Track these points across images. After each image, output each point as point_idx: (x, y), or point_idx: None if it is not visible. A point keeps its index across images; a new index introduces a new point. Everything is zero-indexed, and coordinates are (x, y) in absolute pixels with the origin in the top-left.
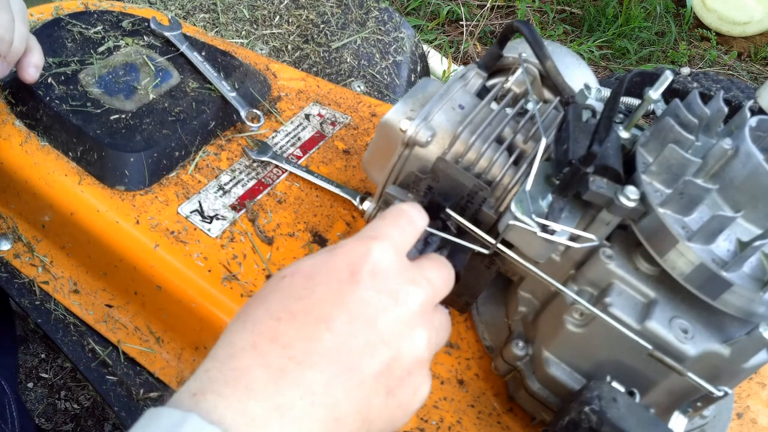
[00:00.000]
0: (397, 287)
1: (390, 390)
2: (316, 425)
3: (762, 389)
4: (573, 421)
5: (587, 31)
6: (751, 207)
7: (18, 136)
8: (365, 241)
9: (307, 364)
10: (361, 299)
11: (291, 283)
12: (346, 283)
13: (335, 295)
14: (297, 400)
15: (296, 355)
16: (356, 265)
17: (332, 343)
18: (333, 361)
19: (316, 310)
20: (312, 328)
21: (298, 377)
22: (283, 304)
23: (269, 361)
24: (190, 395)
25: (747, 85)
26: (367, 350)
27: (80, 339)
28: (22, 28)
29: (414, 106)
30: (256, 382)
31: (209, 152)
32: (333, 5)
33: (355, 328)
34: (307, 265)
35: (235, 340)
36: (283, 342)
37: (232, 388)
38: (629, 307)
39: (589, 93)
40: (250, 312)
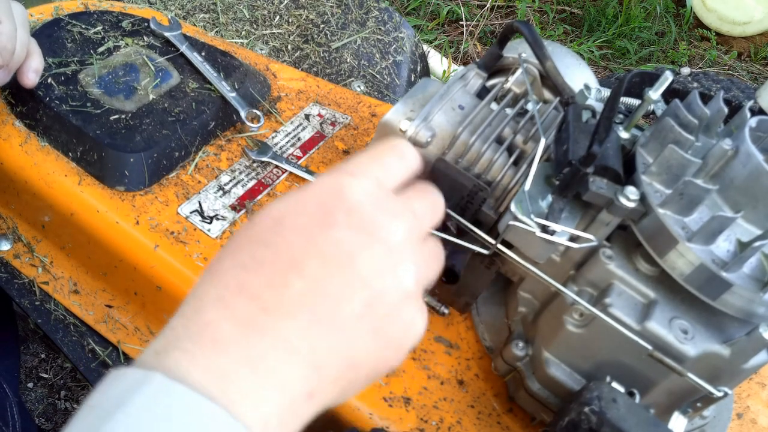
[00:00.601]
0: (376, 223)
1: (376, 330)
2: (294, 375)
3: (762, 389)
4: (573, 421)
5: (587, 31)
6: (751, 207)
7: (18, 136)
8: (341, 176)
9: (278, 314)
10: (335, 240)
11: (259, 230)
12: (318, 225)
13: (306, 238)
14: (269, 351)
15: (265, 305)
16: (329, 204)
17: (304, 288)
18: (306, 307)
19: (285, 256)
20: (280, 276)
21: (268, 327)
22: (251, 252)
23: (236, 313)
24: (154, 354)
25: (747, 85)
26: (345, 292)
27: (80, 339)
28: (24, 36)
29: (414, 106)
30: (223, 335)
31: (209, 152)
32: (333, 5)
33: (329, 270)
34: (276, 209)
35: (200, 294)
36: (250, 292)
37: (197, 343)
38: (629, 308)
39: (589, 93)
40: (217, 264)
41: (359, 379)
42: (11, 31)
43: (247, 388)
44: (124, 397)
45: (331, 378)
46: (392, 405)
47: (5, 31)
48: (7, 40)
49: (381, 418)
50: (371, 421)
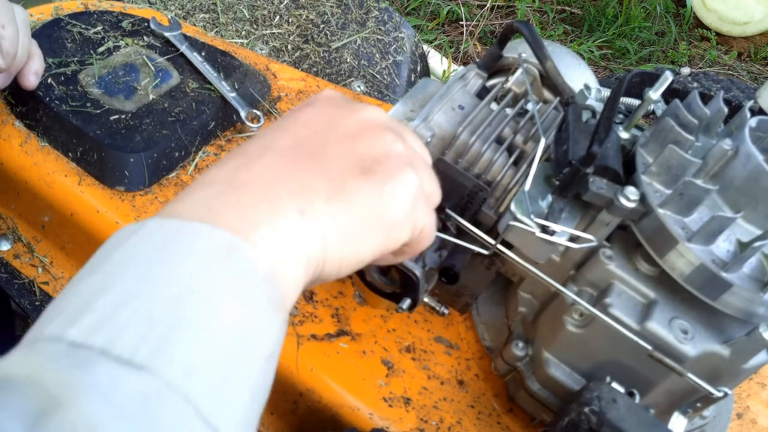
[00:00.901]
0: (369, 108)
1: (366, 169)
2: (278, 192)
3: (762, 389)
4: (573, 421)
5: (587, 31)
6: (751, 208)
7: (18, 136)
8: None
9: (264, 159)
10: (314, 112)
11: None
12: (305, 105)
13: (294, 112)
14: (252, 180)
15: (253, 155)
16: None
17: (290, 141)
18: (290, 151)
19: (279, 125)
20: (272, 133)
21: (255, 165)
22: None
23: (229, 164)
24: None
25: (747, 85)
26: (334, 139)
27: None
28: (25, 39)
29: (414, 106)
30: (212, 179)
31: (209, 153)
32: (333, 5)
33: (313, 124)
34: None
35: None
36: (244, 151)
37: (192, 191)
38: (629, 308)
39: (589, 93)
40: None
41: (356, 213)
42: (14, 35)
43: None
44: (126, 238)
45: (320, 198)
46: (392, 405)
47: (8, 35)
48: (10, 45)
49: (381, 418)
50: (371, 421)
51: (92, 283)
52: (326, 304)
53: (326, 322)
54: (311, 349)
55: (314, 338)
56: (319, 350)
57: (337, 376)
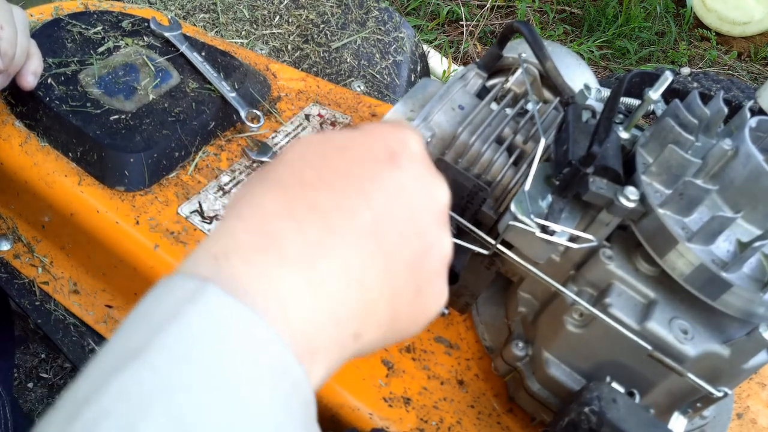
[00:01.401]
0: (431, 179)
1: (418, 288)
2: (348, 306)
3: (762, 389)
4: (573, 421)
5: (587, 31)
6: (751, 208)
7: (18, 136)
8: (399, 128)
9: (346, 240)
10: (400, 183)
11: (323, 152)
12: (386, 164)
13: (374, 172)
14: (331, 276)
15: (335, 227)
16: (395, 147)
17: (371, 220)
18: (370, 240)
19: (355, 184)
20: (351, 202)
21: (335, 251)
22: (318, 171)
23: (306, 229)
24: (212, 258)
25: (747, 85)
26: (402, 237)
27: (80, 339)
28: (24, 40)
29: (414, 106)
30: (291, 252)
31: (209, 153)
32: (333, 5)
33: (395, 210)
34: (338, 137)
35: (264, 203)
36: (321, 211)
37: (264, 254)
38: (629, 308)
39: (589, 93)
40: (275, 176)
41: (393, 333)
42: (12, 36)
43: (306, 316)
44: (179, 308)
45: (375, 323)
46: (392, 405)
47: (6, 36)
48: (8, 46)
49: (381, 418)
50: (371, 421)
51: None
52: None
53: None
54: None
55: None
56: None
57: (337, 376)
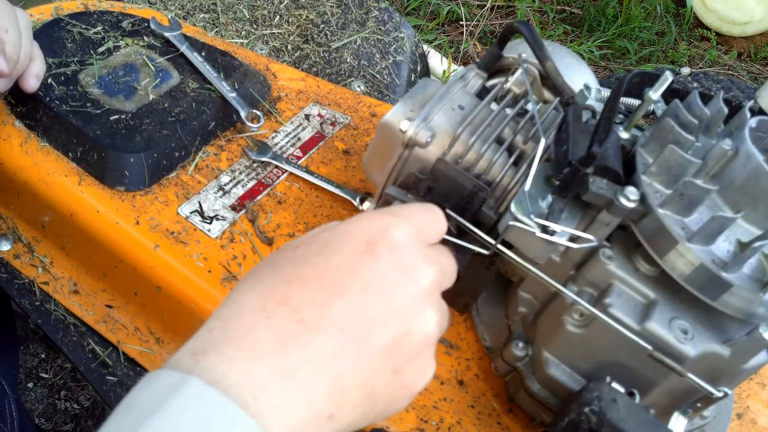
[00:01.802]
0: (412, 264)
1: (397, 368)
2: (320, 392)
3: (762, 389)
4: (573, 421)
5: (587, 31)
6: (751, 208)
7: (18, 136)
8: (385, 216)
9: (317, 330)
10: (376, 271)
11: (306, 251)
12: (363, 254)
13: (350, 264)
14: (302, 365)
15: (306, 318)
16: (374, 237)
17: (344, 311)
18: (343, 329)
19: (329, 277)
20: (324, 295)
21: (306, 341)
22: (296, 269)
23: (277, 322)
24: (191, 355)
25: (747, 85)
26: (378, 323)
27: (80, 339)
28: (27, 43)
29: (414, 106)
30: (261, 343)
31: (209, 153)
32: (333, 5)
33: (368, 299)
34: (323, 235)
35: (242, 301)
36: (293, 305)
37: (235, 347)
38: (629, 308)
39: (589, 93)
40: (259, 275)
41: (372, 412)
42: (16, 40)
43: (278, 399)
44: (162, 399)
45: (350, 404)
46: None
47: (10, 40)
48: (13, 50)
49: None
50: None
51: None
52: None
53: None
54: None
55: None
56: None
57: None
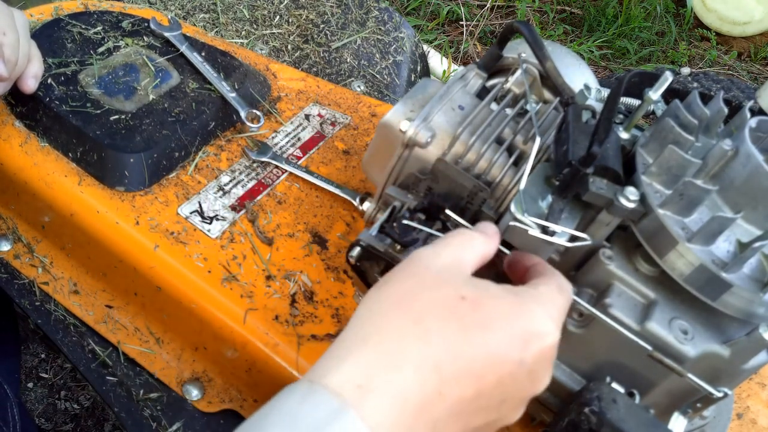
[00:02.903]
0: (541, 376)
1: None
2: None
3: (762, 390)
4: (573, 422)
5: (587, 31)
6: (751, 208)
7: (18, 136)
8: (550, 320)
9: (446, 407)
10: (513, 374)
11: (471, 317)
12: (515, 351)
13: (500, 357)
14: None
15: (445, 395)
16: (533, 341)
17: (472, 396)
18: (463, 411)
19: (480, 362)
20: (466, 378)
21: (433, 416)
22: (459, 335)
23: (427, 390)
24: (355, 387)
25: (747, 85)
26: (487, 411)
27: (80, 340)
28: (26, 45)
29: (414, 106)
30: (408, 410)
31: (209, 153)
32: (333, 5)
33: (494, 392)
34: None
35: (399, 350)
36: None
37: (390, 404)
38: (629, 308)
39: (589, 93)
40: (415, 309)
41: None
42: (15, 42)
43: None
44: (323, 424)
45: None
46: None
47: (9, 43)
48: (11, 53)
49: None
50: None
51: None
52: (326, 305)
53: (326, 322)
54: (312, 350)
55: (314, 338)
56: (320, 350)
57: None
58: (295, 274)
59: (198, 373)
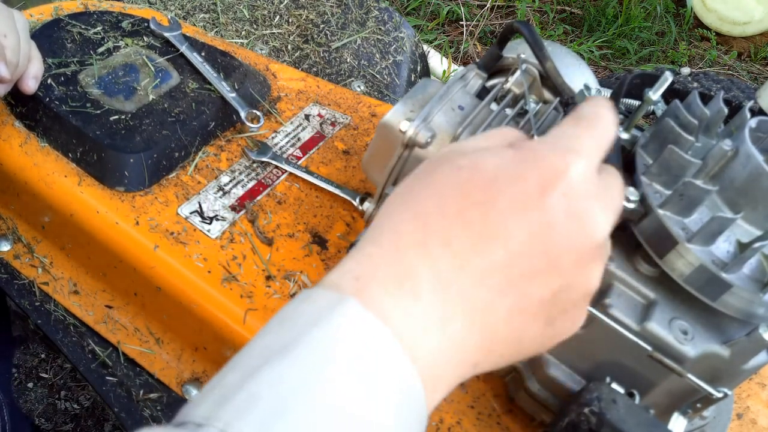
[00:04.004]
0: (587, 212)
1: (550, 320)
2: (472, 343)
3: (762, 390)
4: (572, 422)
5: (587, 31)
6: (751, 208)
7: (18, 137)
8: (562, 154)
9: (476, 279)
10: (546, 221)
11: (470, 180)
12: (535, 200)
13: (520, 210)
14: (459, 315)
15: (467, 266)
16: (550, 182)
17: (505, 260)
18: (502, 280)
19: (495, 222)
20: (488, 242)
21: (465, 291)
22: (460, 204)
23: (439, 267)
24: (353, 278)
25: (747, 85)
26: (539, 276)
27: (80, 340)
28: (26, 46)
29: (414, 106)
30: (423, 287)
31: (209, 153)
32: (333, 5)
33: (533, 249)
34: (491, 164)
35: (402, 229)
36: (455, 249)
37: (398, 286)
38: (629, 309)
39: (589, 93)
40: (417, 198)
41: (516, 357)
42: (15, 44)
43: (435, 349)
44: (323, 314)
45: (497, 353)
46: None
47: (10, 45)
48: (12, 55)
49: None
50: None
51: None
52: None
53: None
54: None
55: None
56: None
57: None
58: (295, 274)
59: (198, 373)
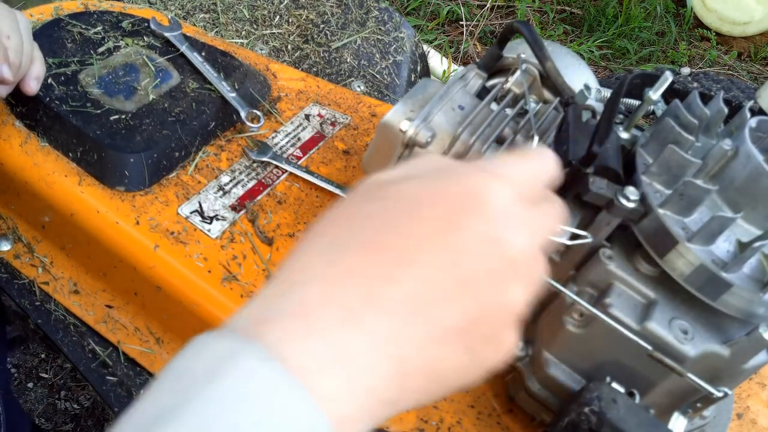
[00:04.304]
0: (503, 234)
1: (470, 349)
2: (382, 378)
3: (762, 390)
4: (573, 422)
5: (587, 31)
6: (751, 208)
7: (18, 136)
8: (485, 177)
9: (383, 309)
10: (459, 245)
11: (393, 207)
12: (449, 223)
13: (432, 234)
14: (365, 349)
15: (373, 297)
16: (467, 203)
17: (414, 288)
18: (411, 308)
19: (406, 248)
20: (397, 269)
21: (371, 323)
22: (370, 233)
23: (344, 300)
24: (253, 323)
25: (747, 85)
26: (451, 302)
27: (80, 340)
28: (28, 47)
29: (414, 106)
30: (324, 323)
31: (209, 153)
32: (333, 5)
33: (444, 275)
34: (409, 192)
35: (312, 263)
36: (361, 281)
37: (298, 323)
38: (629, 308)
39: (589, 93)
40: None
41: (438, 392)
42: (18, 45)
43: (340, 385)
44: (219, 367)
45: (413, 388)
46: None
47: (12, 46)
48: (15, 56)
49: None
50: None
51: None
52: None
53: None
54: None
55: None
56: None
57: None
58: None
59: None
